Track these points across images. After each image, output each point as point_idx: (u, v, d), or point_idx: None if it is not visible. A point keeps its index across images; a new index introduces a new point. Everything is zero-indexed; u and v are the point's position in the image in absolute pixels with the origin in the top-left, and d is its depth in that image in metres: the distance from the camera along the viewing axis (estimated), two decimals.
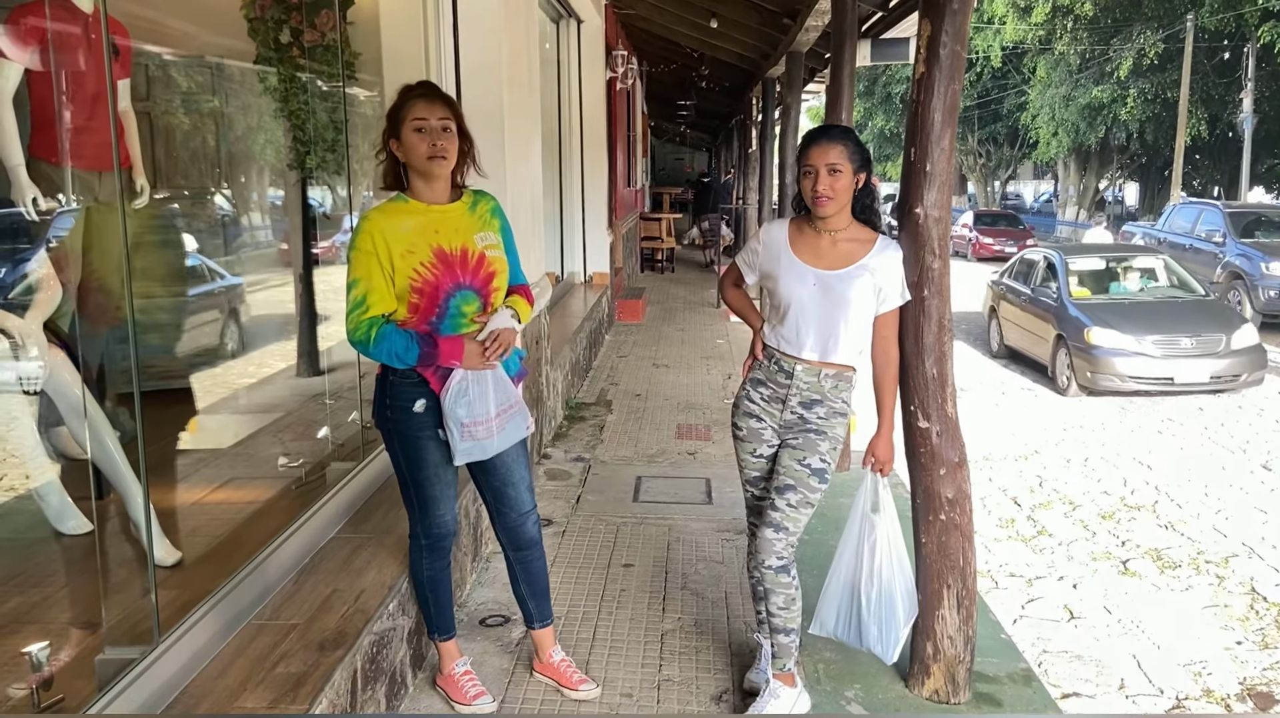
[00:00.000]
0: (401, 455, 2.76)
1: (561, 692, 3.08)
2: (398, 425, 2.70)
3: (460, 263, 2.61)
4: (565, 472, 5.35)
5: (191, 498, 3.59)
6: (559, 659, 3.12)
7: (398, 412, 2.68)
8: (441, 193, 2.67)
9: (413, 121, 2.56)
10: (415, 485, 2.79)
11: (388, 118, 2.63)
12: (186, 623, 2.38)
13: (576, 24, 9.25)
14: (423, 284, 2.56)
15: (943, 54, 2.82)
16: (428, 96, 2.61)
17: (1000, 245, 25.03)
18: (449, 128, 2.59)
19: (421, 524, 2.85)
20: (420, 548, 2.89)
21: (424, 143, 2.55)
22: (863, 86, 34.19)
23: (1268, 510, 6.39)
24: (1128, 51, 21.89)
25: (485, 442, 2.67)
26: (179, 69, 4.31)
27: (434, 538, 2.87)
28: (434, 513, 2.82)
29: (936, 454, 2.97)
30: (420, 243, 2.57)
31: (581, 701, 3.05)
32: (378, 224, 2.56)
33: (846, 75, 5.39)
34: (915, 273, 2.90)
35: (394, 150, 2.62)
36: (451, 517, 2.87)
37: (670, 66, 15.86)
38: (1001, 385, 10.24)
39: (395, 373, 2.65)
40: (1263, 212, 16.14)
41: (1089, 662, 4.41)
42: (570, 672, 3.10)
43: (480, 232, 2.69)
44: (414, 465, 2.75)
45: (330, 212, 4.59)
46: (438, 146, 2.55)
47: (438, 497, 2.80)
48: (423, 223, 2.60)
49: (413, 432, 2.69)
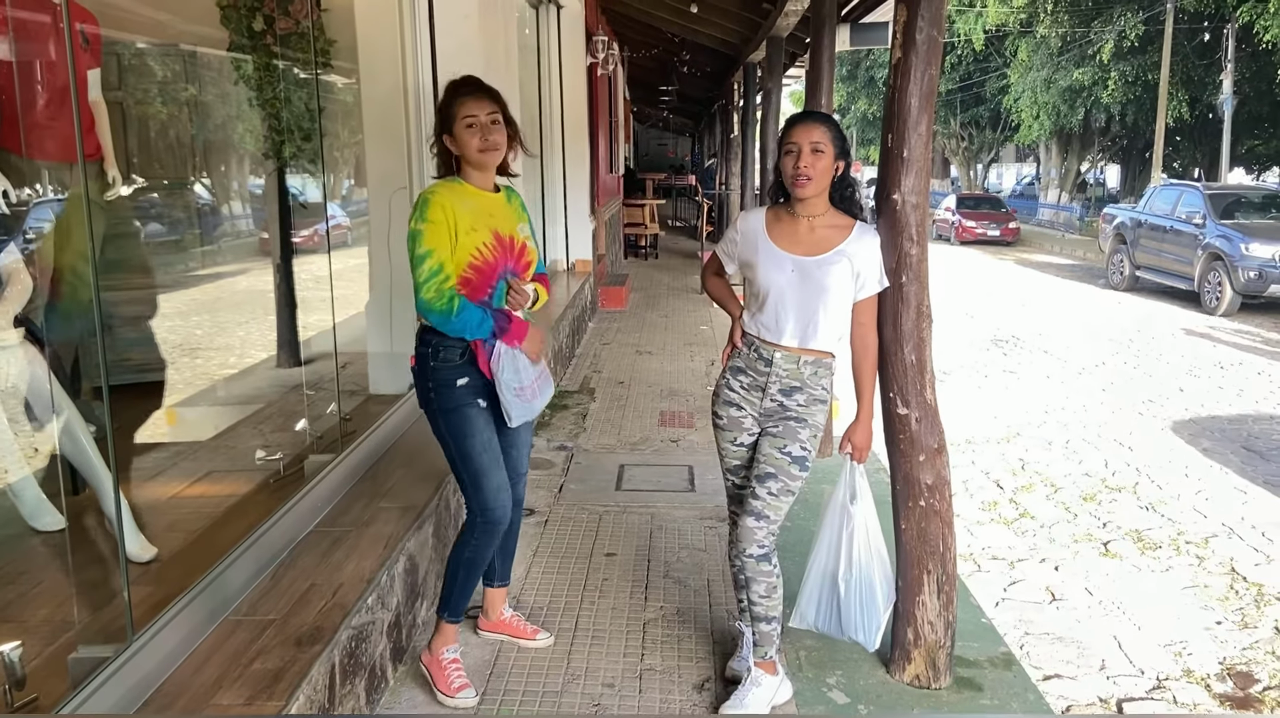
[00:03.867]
0: (449, 432, 2.86)
1: (517, 644, 3.21)
2: (442, 402, 2.83)
3: (509, 248, 2.84)
4: (548, 461, 5.34)
5: (168, 492, 3.57)
6: (510, 615, 3.27)
7: (441, 389, 2.82)
8: (489, 182, 2.87)
9: (464, 119, 2.74)
10: (465, 459, 2.87)
11: (438, 113, 2.82)
12: (161, 620, 2.36)
13: (556, 9, 9.18)
14: (482, 263, 2.75)
15: (919, 39, 2.81)
16: (474, 93, 2.78)
17: (983, 229, 25.15)
18: (497, 120, 2.78)
19: (477, 501, 2.91)
20: (474, 527, 2.92)
21: (476, 137, 2.74)
22: (845, 71, 34.17)
23: (1247, 491, 6.43)
24: (1108, 34, 21.92)
25: (532, 402, 2.90)
26: (152, 57, 4.26)
27: (489, 515, 2.90)
28: (488, 485, 2.88)
29: (916, 440, 2.97)
30: (481, 224, 2.77)
31: (537, 648, 3.21)
32: (446, 199, 2.73)
33: (826, 60, 5.38)
34: (893, 259, 2.89)
35: (447, 144, 2.81)
36: (507, 493, 2.93)
37: (652, 51, 15.80)
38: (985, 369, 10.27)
39: (437, 357, 2.80)
40: (1242, 193, 16.19)
41: (1070, 643, 4.43)
42: (522, 624, 3.25)
43: (519, 223, 2.93)
44: (460, 437, 2.85)
45: (308, 200, 4.55)
46: (490, 140, 2.75)
47: (489, 467, 2.88)
48: (480, 206, 2.80)
49: (457, 403, 2.82)
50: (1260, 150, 25.82)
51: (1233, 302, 13.53)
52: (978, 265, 20.77)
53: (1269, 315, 13.76)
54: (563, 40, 9.42)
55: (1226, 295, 13.56)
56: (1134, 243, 16.10)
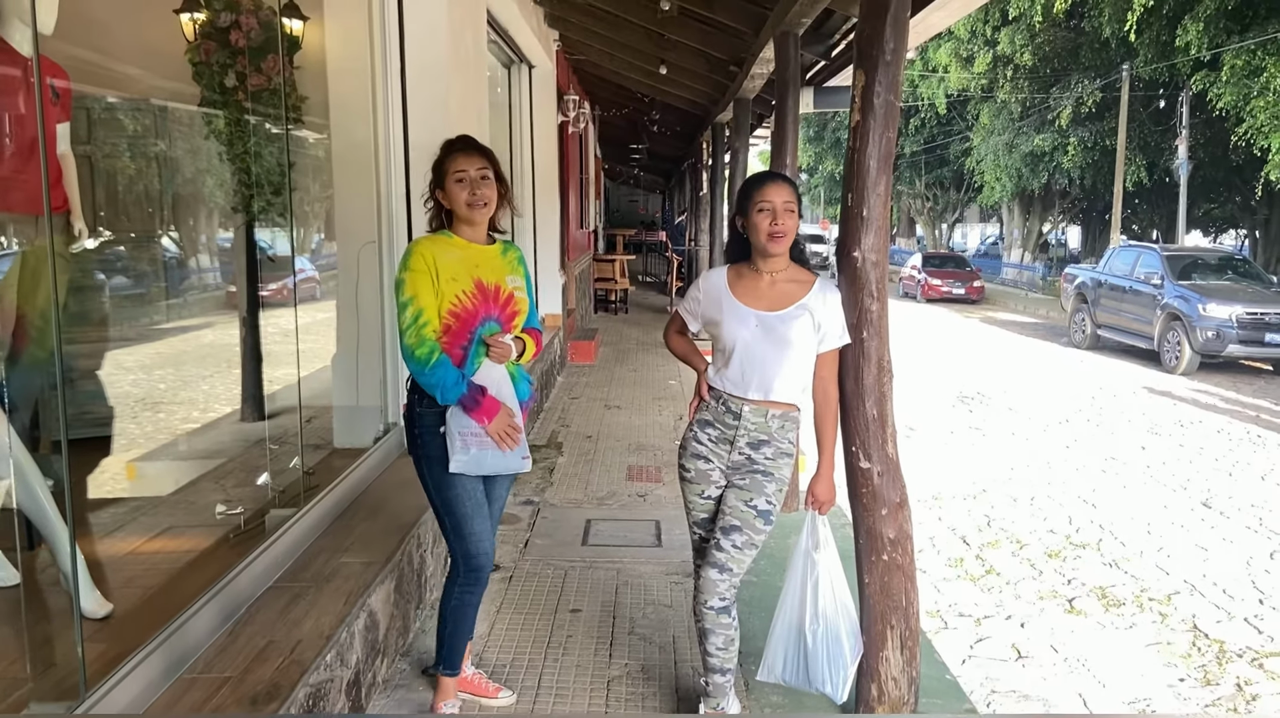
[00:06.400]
0: (430, 479, 2.91)
1: (480, 703, 3.19)
2: (425, 449, 2.88)
3: (494, 297, 2.89)
4: (514, 515, 5.31)
5: (126, 548, 3.51)
6: (472, 673, 3.26)
7: (425, 435, 2.87)
8: (481, 236, 2.95)
9: (454, 174, 2.84)
10: (446, 505, 2.90)
11: (433, 170, 2.92)
12: (115, 677, 2.31)
13: (528, 69, 9.33)
14: (461, 310, 2.81)
15: (877, 103, 2.90)
16: (466, 150, 2.89)
17: (949, 287, 25.52)
18: (487, 176, 2.87)
19: (460, 548, 2.94)
20: (456, 575, 2.97)
21: (465, 191, 2.83)
22: (813, 131, 34.83)
23: (1208, 548, 6.50)
24: (1067, 100, 22.54)
25: (479, 454, 2.83)
26: (122, 112, 4.28)
27: (472, 563, 2.94)
28: (468, 532, 2.90)
29: (878, 495, 2.99)
30: (463, 273, 2.83)
31: (499, 706, 3.20)
32: (429, 249, 2.82)
33: (791, 122, 5.50)
34: (854, 315, 2.94)
35: (439, 198, 2.91)
36: (489, 542, 2.96)
37: (622, 111, 16.04)
38: (951, 425, 10.36)
39: (423, 403, 2.86)
40: (1199, 254, 16.59)
41: (1036, 701, 4.43)
42: (484, 683, 3.25)
43: (510, 274, 2.98)
44: (443, 485, 2.88)
45: (276, 254, 4.56)
46: (477, 195, 2.84)
47: (469, 514, 2.90)
48: (465, 257, 2.87)
49: (439, 452, 2.85)
50: (1216, 213, 26.52)
51: (1192, 361, 13.78)
52: (944, 323, 21.04)
53: (1227, 374, 14.02)
54: (534, 99, 9.56)
55: (1185, 355, 13.81)
56: (1095, 302, 16.41)
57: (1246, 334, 13.43)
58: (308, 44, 4.33)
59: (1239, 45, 16.82)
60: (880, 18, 2.90)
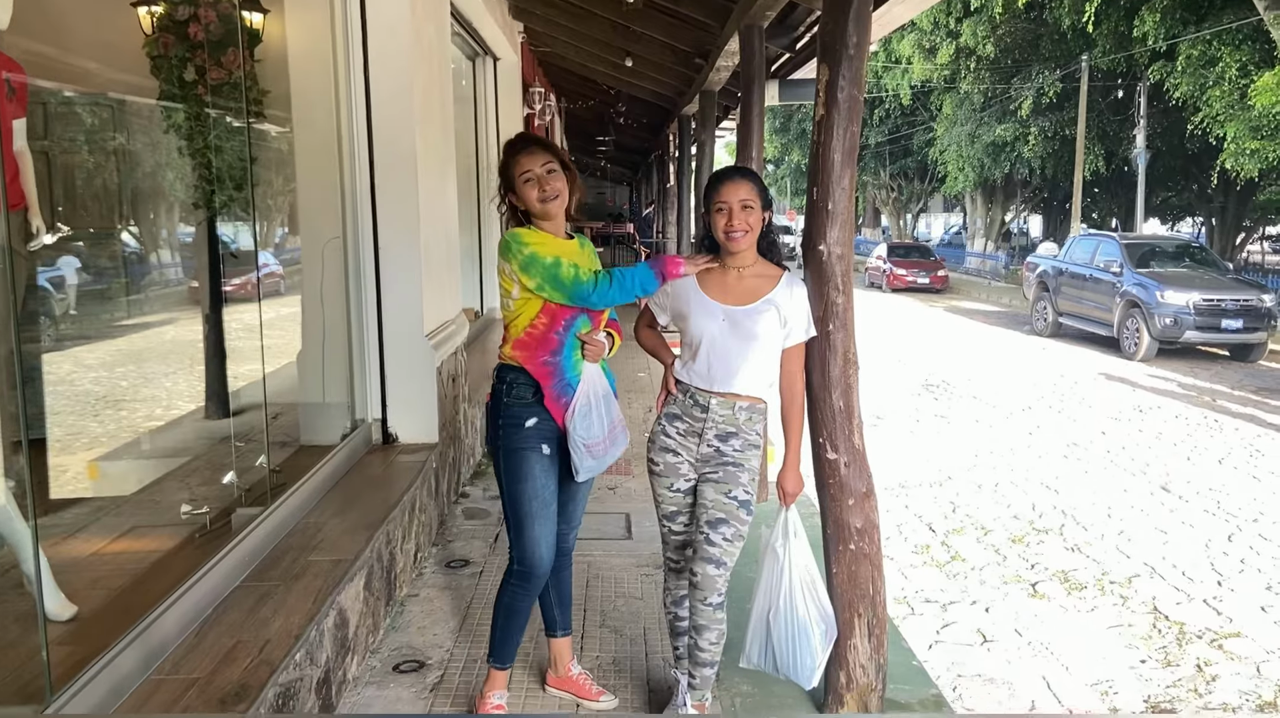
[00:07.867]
0: (505, 472, 2.91)
1: (580, 704, 3.18)
2: (507, 441, 2.89)
3: None
4: (483, 510, 5.30)
5: (90, 548, 3.46)
6: (577, 673, 3.25)
7: (509, 427, 2.88)
8: (560, 229, 2.94)
9: (521, 175, 2.84)
10: (513, 502, 2.89)
11: (500, 174, 2.93)
12: (81, 679, 2.29)
13: (493, 61, 9.29)
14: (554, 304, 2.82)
15: (840, 97, 2.92)
16: (528, 149, 2.88)
17: (914, 277, 25.76)
18: (553, 169, 2.86)
19: (516, 547, 2.93)
20: (510, 573, 2.95)
21: (535, 190, 2.83)
22: (779, 123, 34.92)
23: (1167, 531, 6.63)
24: (1028, 91, 22.78)
25: (603, 458, 2.93)
26: (80, 106, 4.21)
27: (524, 564, 2.91)
28: (529, 534, 2.89)
29: (845, 485, 3.03)
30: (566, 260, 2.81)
31: (599, 709, 3.17)
32: (534, 233, 2.83)
33: (756, 114, 5.52)
34: (820, 308, 2.97)
35: (512, 201, 2.91)
36: (547, 550, 2.93)
37: (589, 103, 16.02)
38: (917, 413, 10.46)
39: (510, 393, 2.87)
40: (1157, 243, 16.86)
41: (1001, 684, 4.51)
42: (589, 685, 3.22)
43: (590, 267, 2.94)
44: (514, 479, 2.89)
45: (239, 249, 4.51)
46: (548, 190, 2.83)
47: (534, 515, 2.88)
48: (562, 249, 2.86)
49: (519, 444, 2.87)
50: (1174, 202, 26.95)
51: (1150, 347, 14.01)
52: (909, 312, 21.23)
53: (1185, 360, 14.27)
54: (500, 91, 9.51)
55: (1144, 341, 14.04)
56: (1056, 290, 16.63)
57: (1203, 320, 13.68)
58: (269, 37, 4.28)
59: (1194, 36, 17.08)
60: (843, 12, 2.93)
